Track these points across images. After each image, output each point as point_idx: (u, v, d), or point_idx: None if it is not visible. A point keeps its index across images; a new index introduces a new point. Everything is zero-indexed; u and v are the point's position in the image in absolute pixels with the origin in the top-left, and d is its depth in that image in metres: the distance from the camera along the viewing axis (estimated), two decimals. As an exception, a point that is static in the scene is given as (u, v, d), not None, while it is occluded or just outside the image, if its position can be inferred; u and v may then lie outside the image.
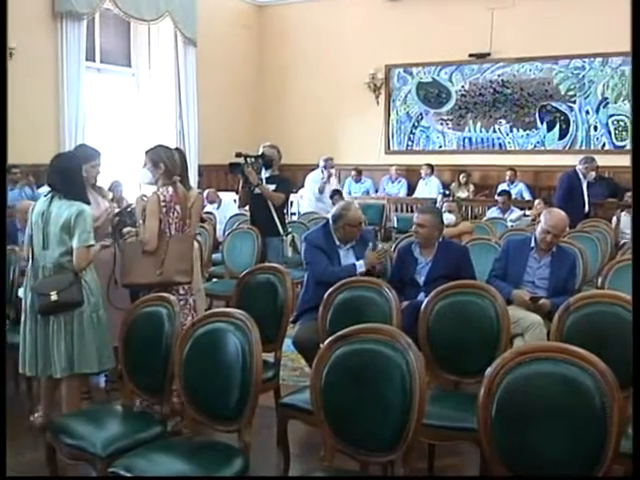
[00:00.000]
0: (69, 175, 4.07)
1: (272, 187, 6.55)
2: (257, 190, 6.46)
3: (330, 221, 5.01)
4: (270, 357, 4.11)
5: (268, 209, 6.47)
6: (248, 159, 6.46)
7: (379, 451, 2.78)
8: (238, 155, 6.48)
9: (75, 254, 3.96)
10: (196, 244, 5.08)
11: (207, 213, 8.93)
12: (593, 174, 8.96)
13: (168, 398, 3.45)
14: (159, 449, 3.05)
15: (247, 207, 7.15)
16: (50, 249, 4.01)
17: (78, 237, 3.94)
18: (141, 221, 4.37)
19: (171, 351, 3.31)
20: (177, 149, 5.10)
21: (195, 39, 11.36)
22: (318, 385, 2.86)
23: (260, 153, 6.69)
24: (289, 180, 7.23)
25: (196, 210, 4.67)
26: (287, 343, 4.54)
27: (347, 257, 4.95)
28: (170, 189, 4.33)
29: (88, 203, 4.11)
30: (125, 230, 4.54)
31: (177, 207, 4.33)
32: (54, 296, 3.90)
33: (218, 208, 9.80)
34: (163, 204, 4.27)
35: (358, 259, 4.88)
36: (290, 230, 6.71)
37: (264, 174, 6.63)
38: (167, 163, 4.37)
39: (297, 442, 3.98)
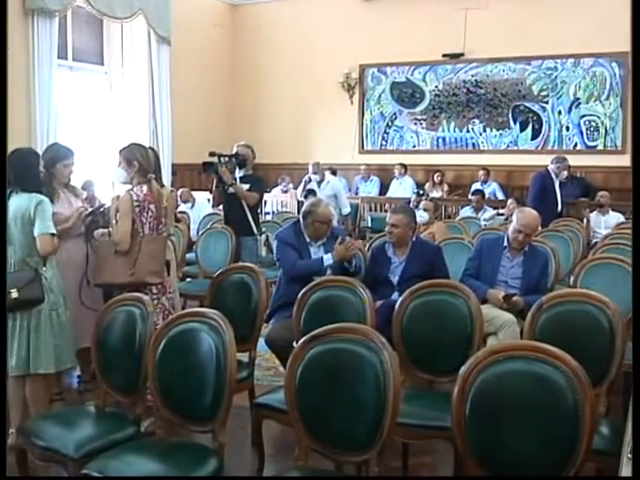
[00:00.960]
0: (24, 169, 4.02)
1: (246, 187, 6.52)
2: (231, 190, 6.43)
3: (300, 218, 5.04)
4: (244, 357, 4.10)
5: (242, 209, 6.45)
6: (222, 158, 6.45)
7: (353, 450, 2.78)
8: (212, 154, 6.47)
9: (38, 241, 3.91)
10: (170, 244, 5.06)
11: (181, 212, 8.89)
12: (565, 173, 9.04)
13: (142, 398, 3.43)
14: (132, 450, 3.03)
15: (221, 207, 7.13)
16: (14, 245, 3.97)
17: (39, 226, 3.90)
18: (114, 221, 4.34)
19: (144, 351, 3.29)
20: (150, 148, 5.08)
21: (169, 38, 11.29)
22: (292, 385, 2.85)
23: (234, 152, 6.68)
24: (263, 179, 7.20)
25: (170, 209, 4.65)
26: (261, 343, 4.53)
27: (318, 254, 4.97)
28: (144, 187, 4.30)
29: (45, 195, 4.07)
30: (99, 231, 4.51)
31: (151, 206, 4.29)
32: (14, 293, 3.86)
33: (192, 208, 9.76)
34: (136, 203, 4.24)
35: None
36: (264, 230, 6.69)
37: (238, 173, 6.62)
38: (141, 161, 4.34)
39: (272, 442, 3.97)
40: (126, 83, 11.24)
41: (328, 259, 4.83)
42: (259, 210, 7.39)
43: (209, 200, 10.56)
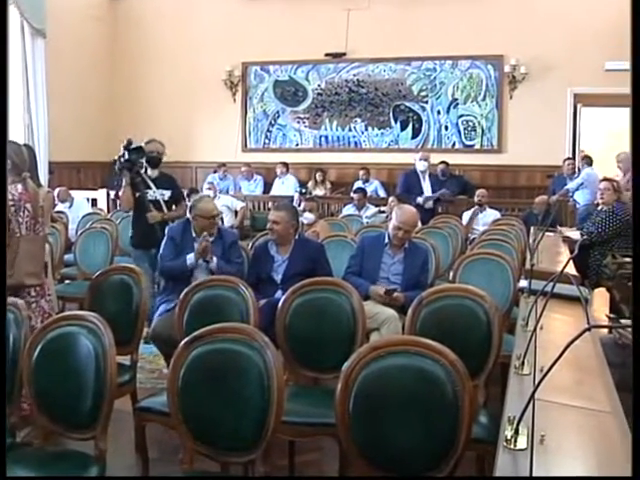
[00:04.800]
0: None
1: (167, 193, 6.17)
2: (151, 196, 6.02)
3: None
4: (126, 360, 4.00)
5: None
6: (124, 157, 5.95)
7: (239, 451, 2.75)
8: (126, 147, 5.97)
9: None
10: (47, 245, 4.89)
11: (58, 212, 8.59)
12: (425, 164, 9.27)
13: (17, 407, 3.29)
14: (8, 462, 2.89)
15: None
16: None
17: None
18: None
19: (19, 357, 3.16)
20: (26, 145, 4.89)
21: (44, 30, 10.88)
22: (175, 387, 2.80)
23: (148, 150, 6.15)
24: (176, 179, 6.63)
25: (47, 209, 4.49)
26: (144, 345, 4.45)
27: None
28: (19, 186, 4.14)
29: None
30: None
31: (27, 205, 4.14)
32: None
33: (70, 207, 9.45)
34: (12, 203, 4.07)
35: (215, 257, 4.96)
36: None
37: (150, 173, 6.17)
38: (15, 159, 4.17)
39: (156, 446, 3.89)
40: (-2, 77, 10.75)
41: (190, 259, 4.91)
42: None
43: (88, 200, 10.32)
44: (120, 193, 6.25)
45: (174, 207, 6.30)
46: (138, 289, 4.15)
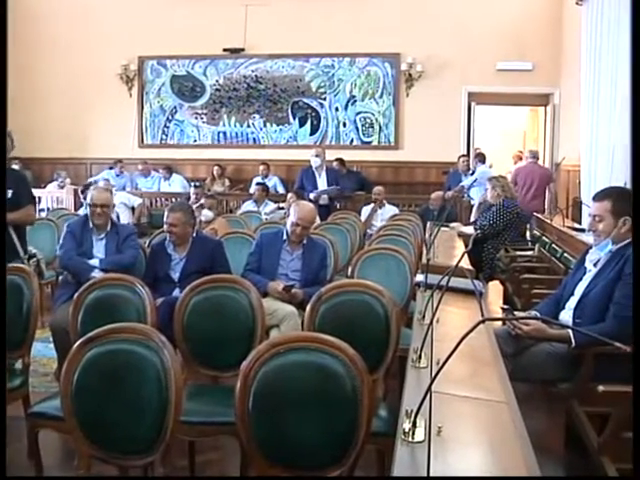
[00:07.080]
0: None
1: (7, 193, 4.71)
2: None
3: None
4: (18, 364, 3.86)
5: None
6: None
7: (137, 453, 2.69)
8: None
9: None
10: None
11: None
12: (318, 160, 9.35)
13: None
14: None
15: None
16: None
17: None
18: None
19: None
20: None
21: None
22: (69, 390, 2.70)
23: None
24: (26, 179, 5.34)
25: None
26: (37, 347, 4.30)
27: (98, 246, 4.97)
28: None
29: None
30: None
31: None
32: None
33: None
34: None
35: (107, 250, 4.98)
36: (34, 252, 5.15)
37: None
38: None
39: (51, 452, 3.77)
40: None
41: (97, 269, 4.83)
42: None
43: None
44: None
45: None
46: (29, 290, 3.99)
